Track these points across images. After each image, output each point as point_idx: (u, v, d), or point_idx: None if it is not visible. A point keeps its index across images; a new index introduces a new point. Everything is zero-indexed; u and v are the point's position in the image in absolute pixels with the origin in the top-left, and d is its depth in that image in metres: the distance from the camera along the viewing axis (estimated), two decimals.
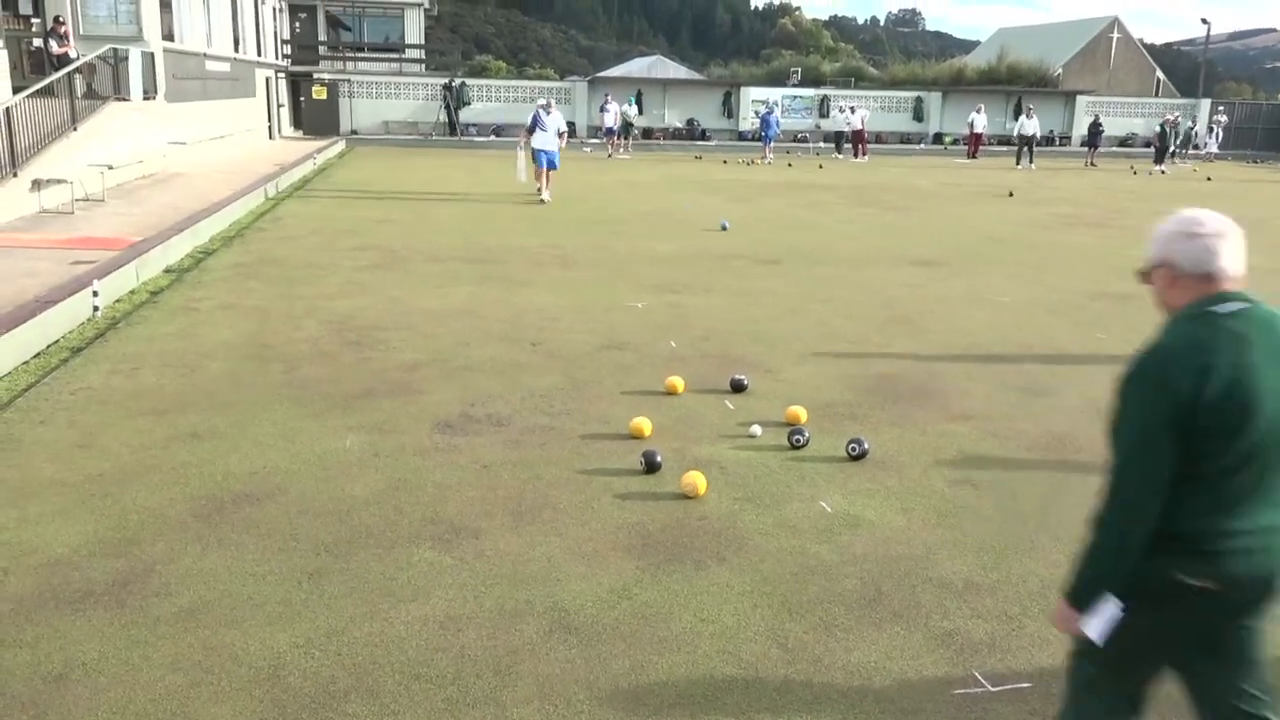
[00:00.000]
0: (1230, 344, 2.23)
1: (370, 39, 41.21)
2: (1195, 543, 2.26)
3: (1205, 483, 2.25)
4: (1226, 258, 2.33)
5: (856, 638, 3.68)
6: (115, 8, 19.14)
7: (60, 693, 3.23)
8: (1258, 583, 2.28)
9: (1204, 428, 2.20)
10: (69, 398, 6.23)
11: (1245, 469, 2.24)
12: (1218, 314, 2.28)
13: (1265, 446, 2.24)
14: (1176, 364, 2.23)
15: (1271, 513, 2.28)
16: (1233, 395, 2.20)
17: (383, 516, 4.60)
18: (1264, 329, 2.28)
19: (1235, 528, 2.25)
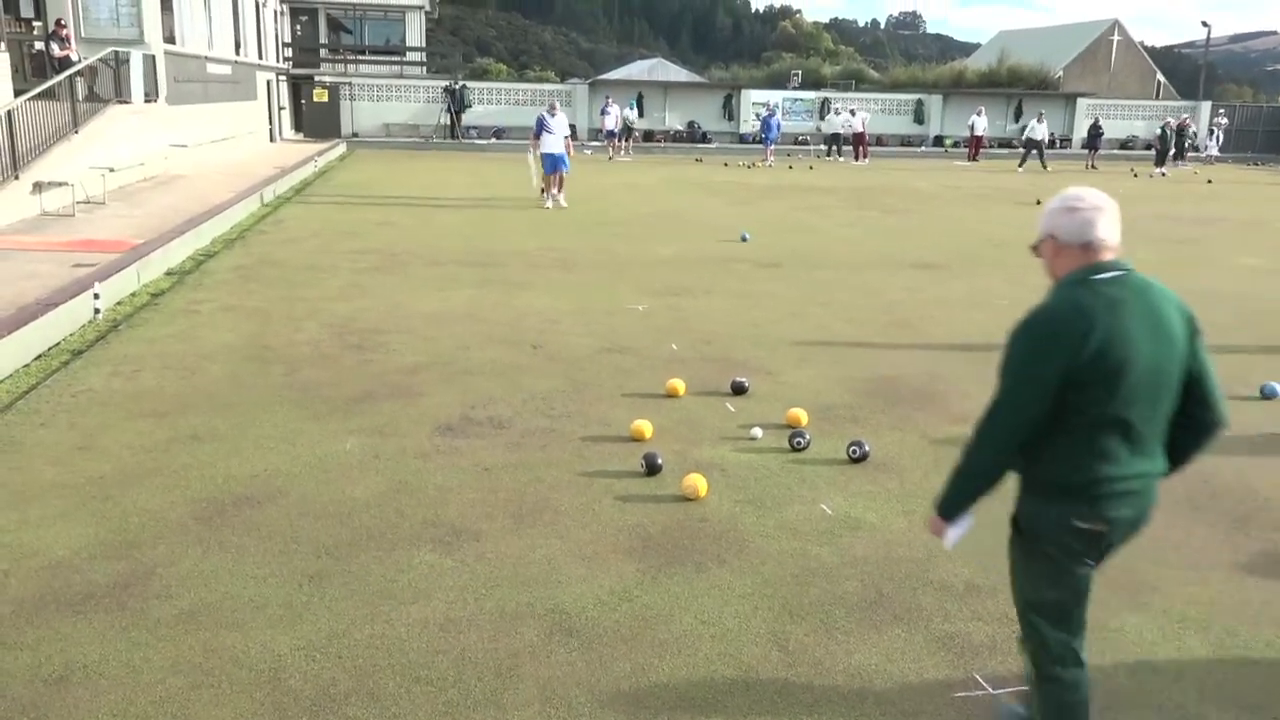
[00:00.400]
0: (1107, 307, 2.50)
1: (371, 42, 41.23)
2: (1084, 491, 2.58)
3: (1087, 435, 2.54)
4: (1103, 230, 2.60)
5: (857, 640, 3.67)
6: (116, 10, 19.17)
7: (61, 695, 3.23)
8: (1132, 521, 2.66)
9: (1083, 382, 2.48)
10: (70, 400, 6.23)
11: (1120, 422, 2.53)
12: (1097, 280, 2.55)
13: (1137, 400, 2.52)
14: (1060, 324, 2.51)
15: (1143, 461, 2.60)
16: (1109, 354, 2.46)
17: (383, 519, 4.60)
18: (1138, 294, 2.55)
19: (1115, 475, 2.56)
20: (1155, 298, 2.57)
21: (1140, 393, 2.52)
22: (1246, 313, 9.95)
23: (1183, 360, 2.59)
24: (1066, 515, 2.62)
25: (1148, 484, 2.63)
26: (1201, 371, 2.64)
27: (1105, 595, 4.05)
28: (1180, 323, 2.59)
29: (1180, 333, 2.58)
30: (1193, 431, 2.69)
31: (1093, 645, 3.67)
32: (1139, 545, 4.48)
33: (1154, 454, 2.64)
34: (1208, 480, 5.36)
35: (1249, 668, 3.58)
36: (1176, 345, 2.57)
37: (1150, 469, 2.63)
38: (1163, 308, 2.57)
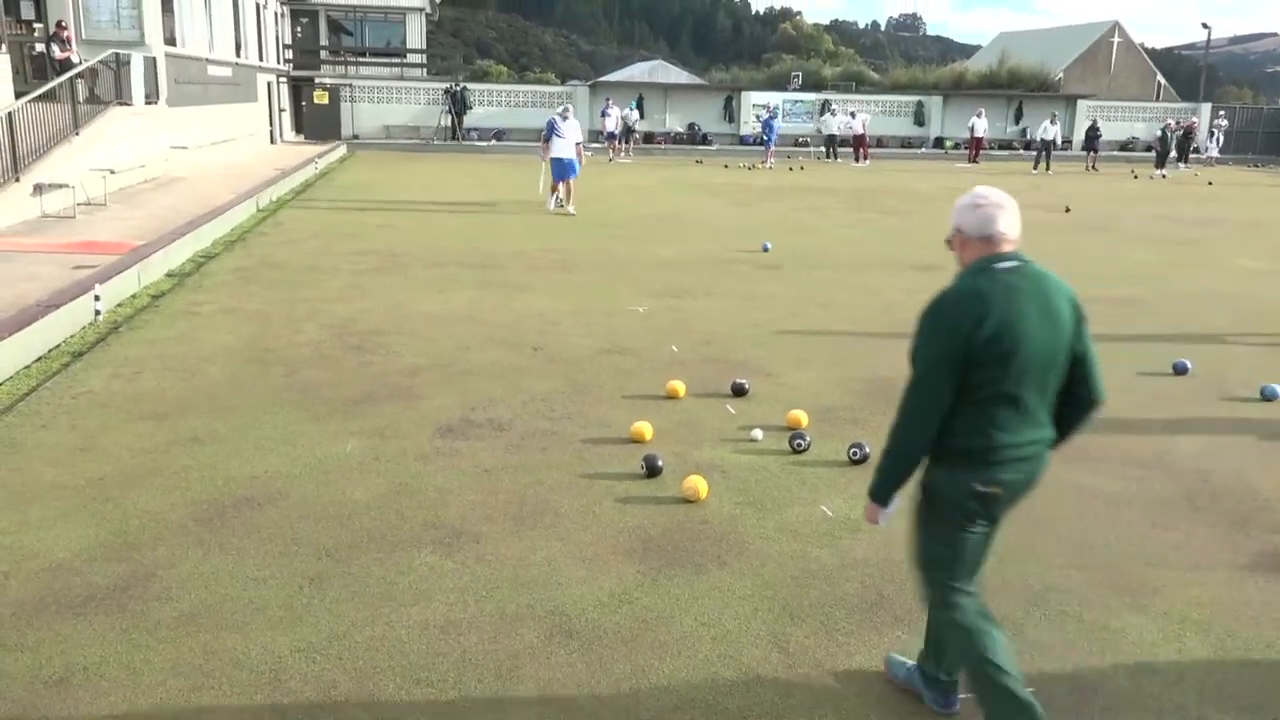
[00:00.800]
0: (1004, 293, 2.78)
1: (372, 43, 41.24)
2: (982, 458, 2.85)
3: (985, 408, 2.82)
4: (1003, 224, 2.87)
5: (858, 642, 3.67)
6: (117, 12, 19.18)
7: (61, 697, 3.23)
8: (1024, 484, 2.95)
9: (980, 359, 2.76)
10: (70, 401, 6.23)
11: (1014, 394, 2.81)
12: (997, 269, 2.84)
13: (1028, 377, 2.81)
14: (961, 308, 2.79)
15: (1034, 430, 2.89)
16: (1004, 334, 2.75)
17: (384, 521, 4.60)
18: (1033, 283, 2.84)
19: (1009, 443, 2.85)
20: (1048, 286, 2.86)
21: (1031, 370, 2.80)
22: (1246, 314, 9.95)
23: (1069, 343, 2.88)
24: (966, 480, 2.89)
25: (1038, 450, 2.94)
26: (1085, 353, 2.93)
27: (1105, 596, 4.06)
28: (1068, 309, 2.88)
29: (1068, 318, 2.87)
30: (1076, 407, 3.00)
31: (1092, 646, 3.68)
32: (1139, 546, 4.51)
33: (1044, 424, 2.93)
34: (1208, 481, 5.36)
35: (1249, 669, 3.58)
36: (1064, 329, 2.85)
37: (1041, 437, 2.93)
38: (1054, 295, 2.86)
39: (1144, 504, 5.04)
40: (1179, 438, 6.08)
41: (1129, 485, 5.29)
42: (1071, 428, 3.04)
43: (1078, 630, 3.80)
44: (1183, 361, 7.58)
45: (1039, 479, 2.99)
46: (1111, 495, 5.14)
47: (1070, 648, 3.67)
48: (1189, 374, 7.48)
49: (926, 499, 3.02)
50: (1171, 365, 7.59)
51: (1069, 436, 3.06)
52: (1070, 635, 3.76)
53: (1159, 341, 8.58)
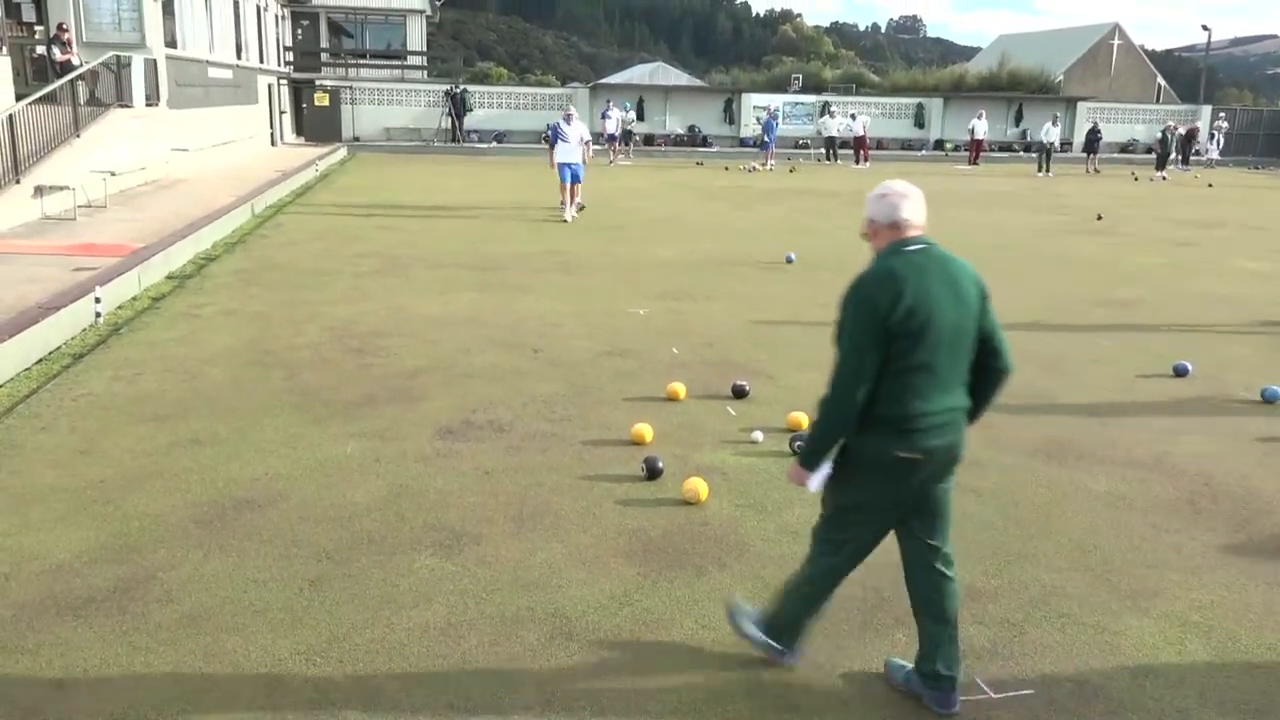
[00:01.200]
0: (915, 273, 3.03)
1: (372, 46, 41.29)
2: (901, 425, 3.04)
3: (903, 378, 3.02)
4: (908, 211, 3.14)
5: (859, 644, 3.67)
6: (118, 15, 19.20)
7: (61, 699, 3.22)
8: (946, 451, 3.11)
9: (898, 333, 2.98)
10: (71, 404, 6.23)
11: (928, 367, 3.02)
12: (906, 251, 3.09)
13: (940, 349, 3.03)
14: (879, 287, 3.02)
15: (950, 398, 3.10)
16: (917, 309, 2.98)
17: (384, 523, 4.60)
18: (939, 263, 3.10)
19: (927, 410, 3.04)
20: (953, 267, 3.12)
21: (943, 342, 3.03)
22: (1247, 317, 9.95)
23: (976, 318, 3.12)
24: (888, 446, 3.07)
25: (955, 418, 3.12)
26: (992, 328, 3.18)
27: (1106, 599, 4.06)
28: (973, 288, 3.13)
29: (973, 296, 3.12)
30: (989, 378, 3.23)
31: (1094, 649, 3.67)
32: (1140, 549, 4.50)
33: (959, 393, 3.14)
34: (1209, 484, 5.36)
35: (1251, 672, 3.57)
36: (970, 305, 3.10)
37: (956, 405, 3.13)
38: (959, 275, 3.11)
39: (1145, 506, 5.04)
40: (1180, 440, 6.07)
41: (1130, 488, 5.28)
42: (985, 398, 3.26)
43: (1079, 633, 3.79)
44: (1183, 364, 7.58)
45: (960, 448, 3.16)
46: (1112, 498, 5.14)
47: (1071, 650, 3.67)
48: (1189, 376, 7.47)
49: (848, 462, 3.18)
50: (1172, 367, 7.58)
51: (983, 407, 3.27)
52: (1071, 637, 3.75)
53: (1159, 343, 8.58)
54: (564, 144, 16.05)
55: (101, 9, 19.08)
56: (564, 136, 16.05)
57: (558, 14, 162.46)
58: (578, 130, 16.17)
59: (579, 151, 16.14)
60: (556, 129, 16.29)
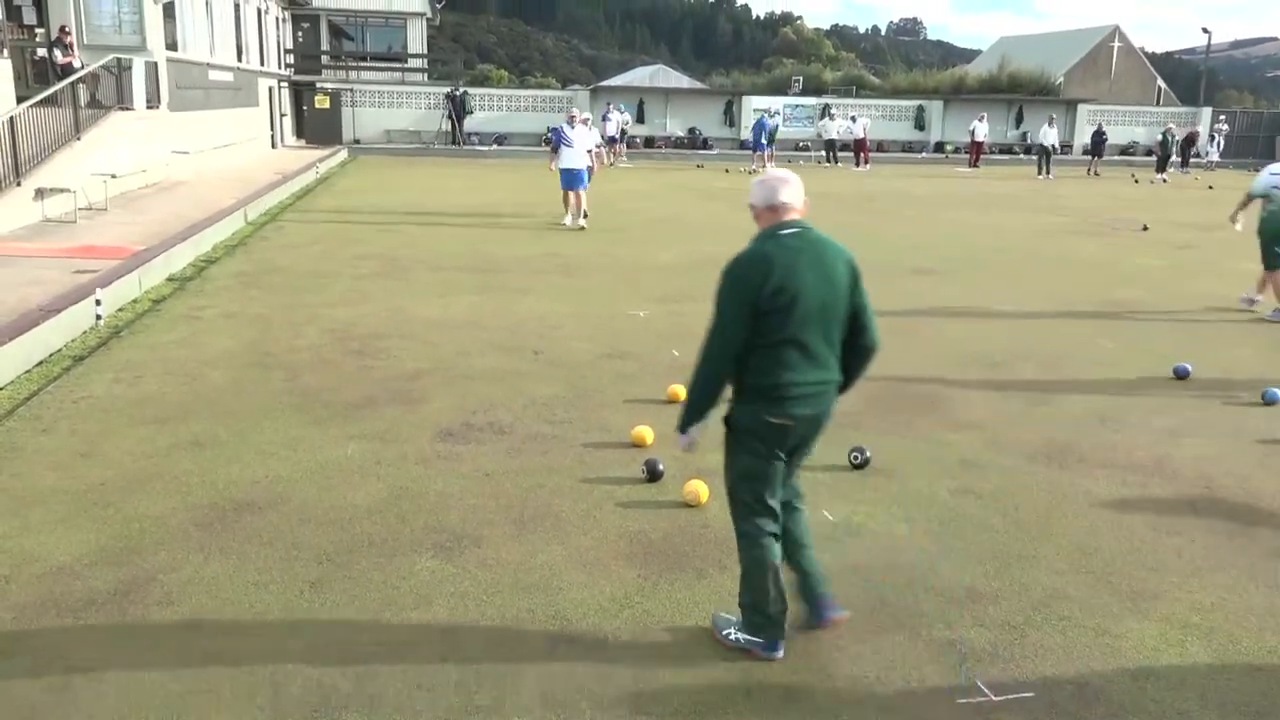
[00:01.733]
0: (786, 254, 3.30)
1: (373, 48, 41.34)
2: (772, 394, 3.34)
3: (773, 351, 3.31)
4: (785, 196, 3.41)
5: (858, 646, 3.67)
6: (119, 18, 19.22)
7: (61, 701, 3.22)
8: (814, 418, 3.44)
9: (767, 309, 3.26)
10: (71, 406, 6.23)
11: (797, 341, 3.31)
12: (781, 235, 3.36)
13: (808, 325, 3.31)
14: (751, 267, 3.31)
15: (819, 371, 3.38)
16: (785, 287, 3.25)
17: (384, 525, 4.59)
18: (812, 245, 3.36)
19: (796, 380, 3.34)
20: (825, 249, 3.38)
21: (811, 319, 3.31)
22: (1247, 319, 9.95)
23: (846, 298, 3.40)
24: (761, 413, 3.37)
25: (823, 389, 3.42)
26: (861, 308, 3.47)
27: (1107, 601, 4.05)
28: (845, 270, 3.40)
29: (844, 277, 3.39)
30: (858, 354, 3.53)
31: (1094, 651, 3.67)
32: (1141, 551, 4.50)
33: (828, 367, 3.42)
34: (1210, 486, 5.36)
35: (1252, 674, 3.57)
36: (840, 286, 3.37)
37: (825, 377, 3.41)
38: (830, 257, 3.38)
39: (1146, 509, 5.04)
40: (1180, 442, 6.07)
41: (1130, 490, 5.28)
42: (855, 372, 3.56)
43: (1080, 635, 3.79)
44: (1184, 365, 7.58)
45: (827, 416, 3.49)
46: (1113, 500, 5.14)
47: (1072, 652, 3.67)
48: (1190, 378, 7.47)
49: (731, 431, 3.50)
50: (1172, 369, 7.58)
51: (853, 379, 3.58)
52: (1072, 640, 3.75)
53: (1160, 345, 8.58)
54: (568, 149, 15.11)
55: (102, 12, 19.10)
56: (567, 141, 15.11)
57: (558, 16, 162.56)
58: (582, 135, 15.22)
59: (583, 158, 15.19)
60: (559, 132, 15.38)
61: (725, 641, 3.63)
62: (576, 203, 15.25)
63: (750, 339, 3.31)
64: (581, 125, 15.46)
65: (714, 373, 3.40)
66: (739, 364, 3.36)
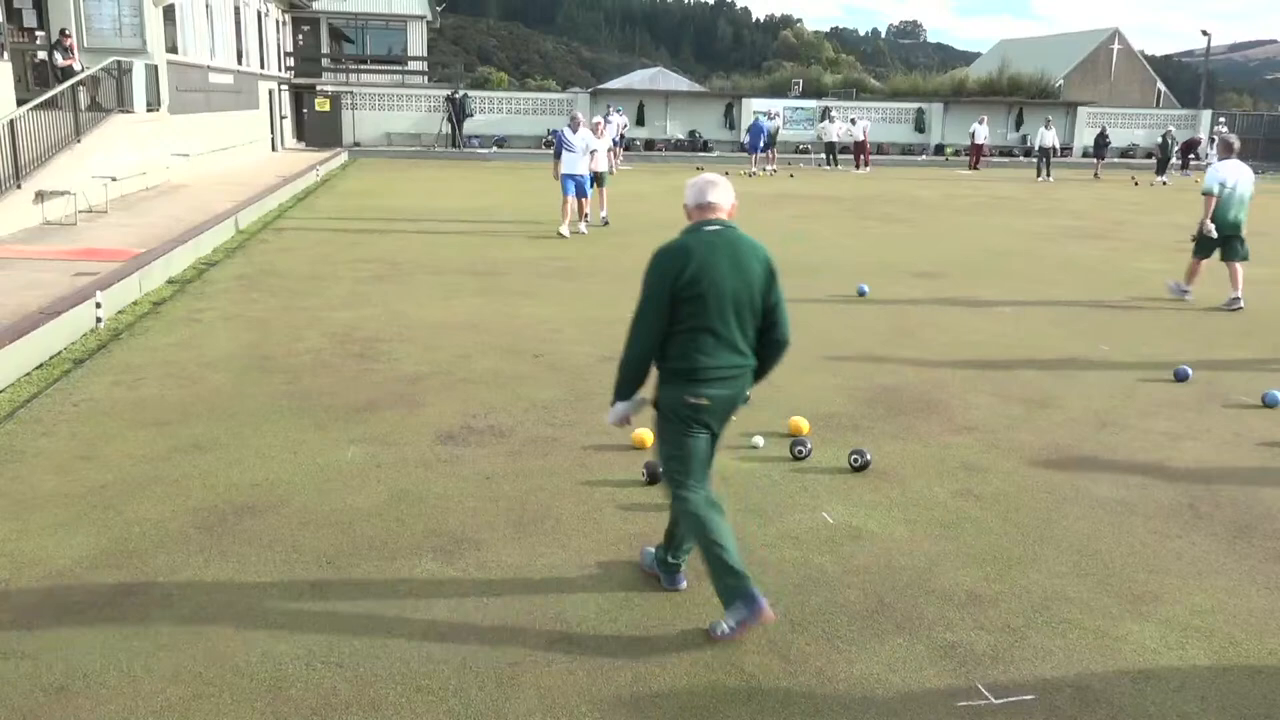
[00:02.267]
0: (704, 248, 3.62)
1: (373, 51, 41.36)
2: (689, 376, 3.65)
3: (689, 336, 3.62)
4: (711, 196, 3.74)
5: (859, 649, 3.67)
6: (119, 21, 19.23)
7: (61, 704, 3.22)
8: (727, 399, 3.73)
9: (683, 297, 3.57)
10: (71, 409, 6.23)
11: (712, 327, 3.61)
12: (703, 230, 3.70)
13: (721, 314, 3.60)
14: (669, 258, 3.64)
15: (732, 356, 3.66)
16: (699, 278, 3.57)
17: (385, 528, 4.59)
18: (729, 242, 3.66)
19: (710, 364, 3.63)
20: (741, 246, 3.67)
21: (724, 308, 3.60)
22: (1248, 322, 9.96)
23: (761, 292, 3.66)
24: (680, 393, 3.68)
25: (736, 373, 3.69)
26: (775, 303, 3.72)
27: (1108, 604, 4.05)
28: (760, 266, 3.67)
29: (758, 272, 3.66)
30: (771, 345, 3.78)
31: (1095, 654, 3.67)
32: (1142, 554, 4.50)
33: (742, 353, 3.68)
34: (1210, 488, 5.36)
35: (1253, 677, 3.57)
36: (753, 280, 3.64)
37: (739, 363, 3.69)
38: (746, 253, 3.66)
39: (1146, 511, 5.04)
40: (1181, 445, 6.07)
41: (1131, 493, 5.28)
42: (768, 363, 3.83)
43: (1080, 638, 3.79)
44: (1184, 368, 7.58)
45: (740, 398, 3.77)
46: (1113, 502, 5.13)
47: (1072, 655, 3.67)
48: (1190, 381, 7.47)
49: (658, 411, 3.79)
50: (1173, 372, 7.58)
51: (767, 368, 3.84)
52: (1072, 643, 3.75)
53: (1160, 348, 8.58)
54: (569, 154, 14.55)
55: (103, 15, 19.11)
56: (569, 145, 14.52)
57: (558, 19, 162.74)
58: (584, 139, 14.58)
59: (585, 162, 14.68)
60: (560, 136, 14.72)
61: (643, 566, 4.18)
62: (579, 209, 14.81)
63: (669, 325, 3.62)
64: (585, 129, 14.82)
65: (636, 354, 3.70)
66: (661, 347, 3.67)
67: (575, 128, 14.65)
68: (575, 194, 14.69)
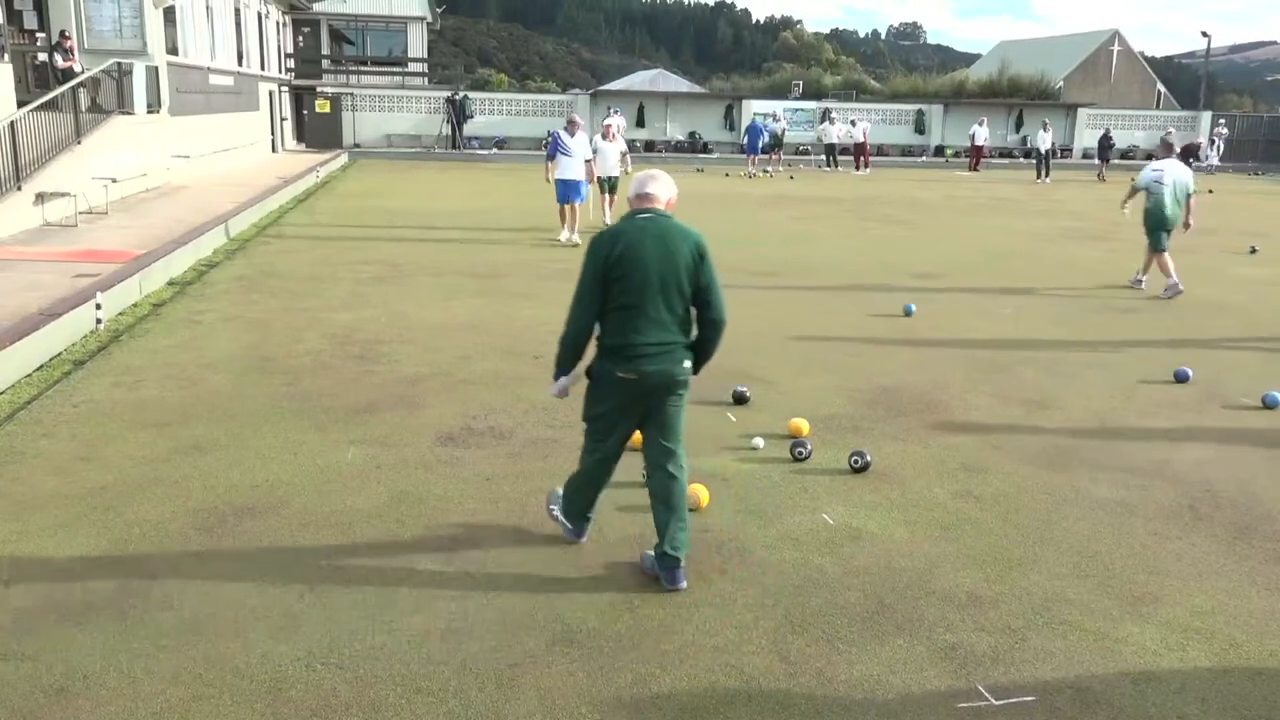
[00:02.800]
0: (634, 233, 3.94)
1: (373, 53, 41.37)
2: (621, 352, 3.93)
3: (620, 314, 3.92)
4: (650, 188, 4.07)
5: (859, 651, 3.66)
6: (120, 22, 19.23)
7: (61, 705, 3.22)
8: (659, 374, 3.96)
9: (613, 277, 3.89)
10: (71, 410, 6.23)
11: (640, 306, 3.89)
12: (636, 218, 4.02)
13: (648, 294, 3.89)
14: (602, 241, 3.95)
15: (661, 334, 3.93)
16: (625, 259, 3.88)
17: (385, 529, 4.59)
18: (658, 228, 3.96)
19: (640, 341, 3.91)
20: (671, 232, 3.95)
21: (651, 288, 3.88)
22: (1248, 323, 9.95)
23: (689, 274, 3.93)
24: (612, 368, 3.97)
25: (667, 350, 3.94)
26: (707, 284, 3.98)
27: (1108, 605, 4.05)
28: (688, 250, 3.94)
29: (687, 256, 3.93)
30: (706, 325, 4.05)
31: (1095, 656, 3.67)
32: (1142, 555, 4.50)
33: (671, 331, 3.95)
34: (1210, 490, 5.35)
35: (1253, 678, 3.57)
36: (679, 263, 3.91)
37: (669, 340, 3.94)
38: (674, 238, 3.94)
39: (1146, 513, 5.03)
40: (1181, 446, 6.07)
41: (1131, 494, 5.28)
42: (706, 343, 4.09)
43: (1080, 639, 3.79)
44: (1184, 370, 7.58)
45: (673, 375, 3.98)
46: (1114, 504, 5.13)
47: (1073, 657, 3.66)
48: (1190, 382, 7.47)
49: (590, 378, 4.12)
50: (1173, 373, 7.58)
51: (706, 349, 4.10)
52: (1073, 644, 3.75)
53: (1160, 350, 8.58)
54: (565, 158, 13.84)
55: (103, 16, 19.12)
56: (565, 149, 13.79)
57: (558, 21, 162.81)
58: (581, 143, 13.83)
59: (583, 168, 13.98)
60: (556, 140, 13.91)
61: (550, 514, 4.52)
62: (573, 217, 14.21)
63: (604, 304, 3.93)
64: (584, 133, 14.06)
65: (573, 332, 4.03)
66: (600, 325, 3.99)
67: (573, 131, 13.82)
68: (565, 200, 14.11)
